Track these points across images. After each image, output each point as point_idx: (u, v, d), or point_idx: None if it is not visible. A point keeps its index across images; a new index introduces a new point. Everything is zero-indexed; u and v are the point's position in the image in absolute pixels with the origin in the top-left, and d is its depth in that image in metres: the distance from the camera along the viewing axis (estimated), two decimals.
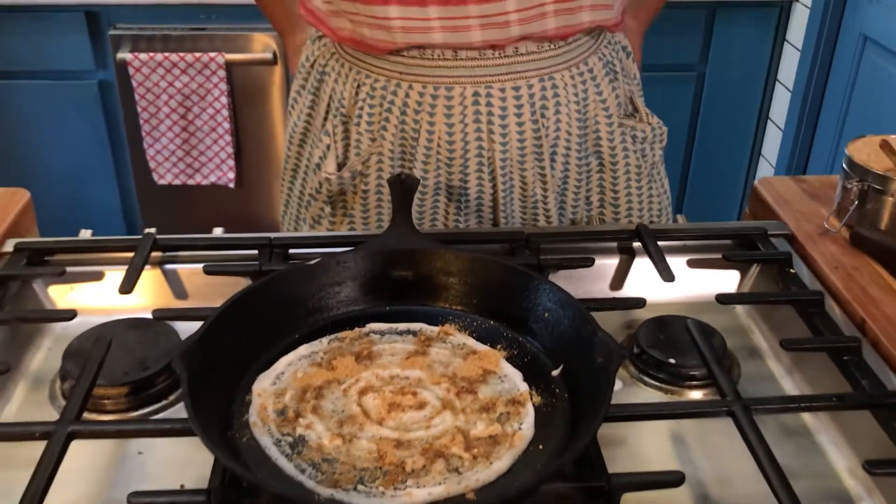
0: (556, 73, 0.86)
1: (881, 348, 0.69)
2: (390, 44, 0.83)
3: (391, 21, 0.80)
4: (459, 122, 0.85)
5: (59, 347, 0.72)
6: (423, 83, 0.84)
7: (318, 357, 0.63)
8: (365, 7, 0.81)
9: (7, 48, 2.01)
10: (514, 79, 0.84)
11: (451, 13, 0.79)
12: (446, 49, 0.83)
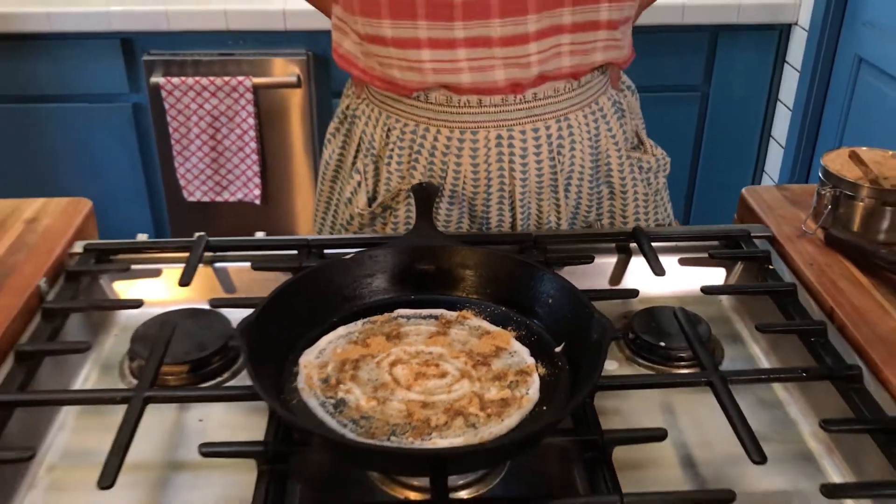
0: (570, 114, 0.96)
1: (846, 331, 0.79)
2: (420, 84, 0.92)
3: (423, 63, 0.90)
4: (483, 163, 0.95)
5: (124, 335, 0.83)
6: (450, 128, 0.94)
7: (354, 336, 0.74)
8: (398, 51, 0.90)
9: (47, 73, 2.14)
10: (533, 121, 0.94)
11: (477, 55, 0.89)
12: (472, 95, 0.92)
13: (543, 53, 0.90)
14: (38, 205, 0.99)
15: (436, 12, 0.86)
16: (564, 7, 0.88)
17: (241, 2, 2.11)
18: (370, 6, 0.88)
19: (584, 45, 0.92)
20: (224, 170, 2.22)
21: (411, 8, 0.86)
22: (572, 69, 0.93)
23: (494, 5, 0.86)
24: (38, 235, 0.93)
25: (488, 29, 0.87)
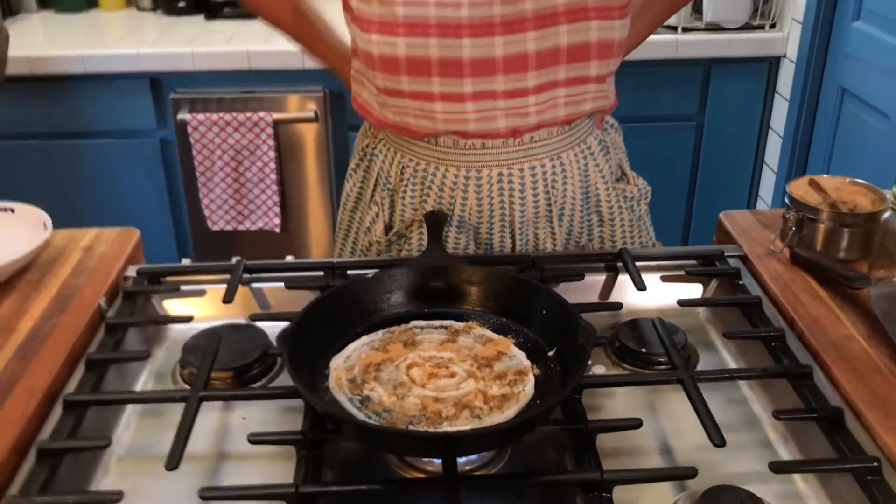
0: (563, 153, 1.09)
1: (804, 338, 0.90)
2: (432, 130, 1.05)
3: (435, 113, 1.03)
4: (487, 197, 1.08)
5: (173, 347, 0.96)
6: (457, 167, 1.07)
7: (376, 344, 0.86)
8: (413, 102, 1.03)
9: (81, 111, 2.29)
10: (530, 160, 1.07)
11: (483, 106, 1.02)
12: (476, 139, 1.05)
13: (541, 105, 1.03)
14: (92, 234, 1.12)
15: (448, 70, 0.99)
16: (559, 65, 1.00)
17: (262, 43, 2.25)
18: (390, 64, 1.01)
19: (576, 96, 1.04)
20: (246, 200, 2.35)
21: (426, 67, 0.99)
22: (566, 117, 1.06)
23: (499, 64, 0.99)
24: (95, 261, 1.06)
25: (493, 84, 1.00)
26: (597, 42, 1.01)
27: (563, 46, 0.99)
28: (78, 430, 0.79)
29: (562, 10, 0.98)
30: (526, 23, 0.98)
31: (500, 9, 0.97)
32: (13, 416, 0.78)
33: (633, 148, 2.35)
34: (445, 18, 0.97)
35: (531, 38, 0.98)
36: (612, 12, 1.00)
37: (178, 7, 2.55)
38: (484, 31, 0.97)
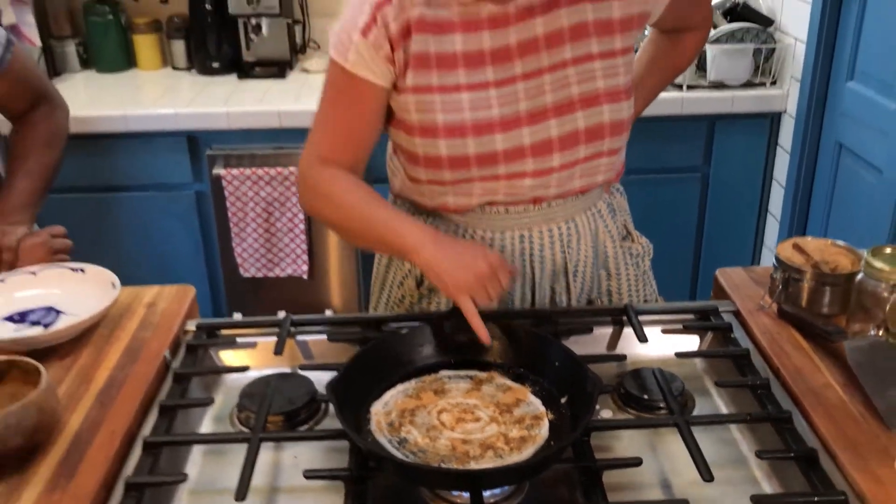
0: (576, 216, 1.22)
1: (787, 386, 1.02)
2: (467, 206, 1.19)
3: (473, 193, 1.17)
4: (510, 255, 1.21)
5: (229, 394, 1.09)
6: (483, 229, 1.21)
7: (410, 391, 0.98)
8: (453, 187, 1.16)
9: (122, 167, 2.44)
10: (548, 223, 1.21)
11: (513, 185, 1.15)
12: (502, 206, 1.18)
13: (562, 179, 1.17)
14: (154, 291, 1.26)
15: (483, 161, 1.13)
16: (580, 145, 1.14)
17: (292, 102, 2.41)
18: (432, 162, 1.14)
19: (590, 170, 1.18)
20: (276, 248, 2.49)
21: (465, 161, 1.13)
22: (581, 188, 1.20)
23: (527, 150, 1.13)
24: (158, 316, 1.19)
25: (524, 166, 1.14)
26: (609, 122, 1.15)
27: (581, 129, 1.13)
28: (156, 467, 0.91)
29: (577, 99, 1.12)
30: (548, 113, 1.12)
31: (525, 104, 1.11)
32: (100, 457, 0.91)
33: (643, 198, 2.51)
34: (479, 120, 1.11)
35: (553, 126, 1.13)
36: (619, 95, 1.14)
37: (212, 67, 2.72)
38: (512, 125, 1.12)
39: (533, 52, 1.11)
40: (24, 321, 1.18)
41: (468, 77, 1.10)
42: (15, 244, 1.28)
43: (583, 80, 1.12)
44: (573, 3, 1.10)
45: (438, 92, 1.10)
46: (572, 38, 1.11)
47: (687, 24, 1.31)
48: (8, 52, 1.40)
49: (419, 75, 1.10)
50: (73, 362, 1.09)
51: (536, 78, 1.11)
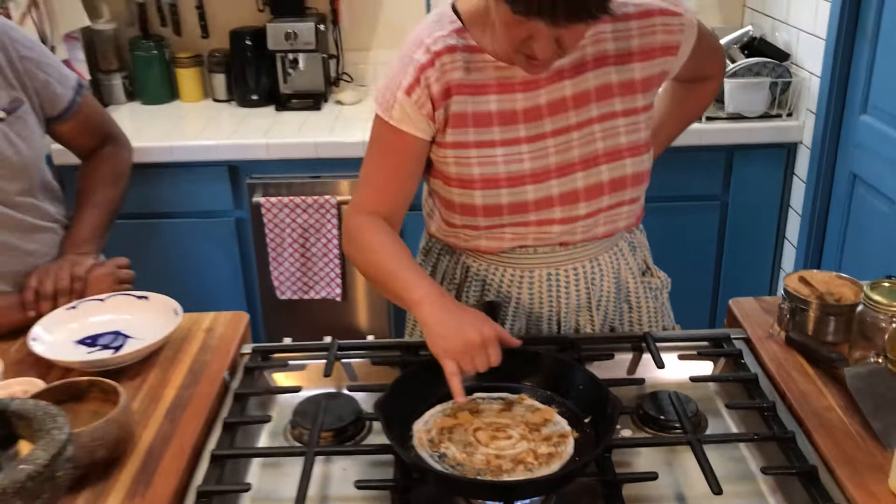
0: (600, 256, 1.33)
1: (792, 409, 1.12)
2: (499, 248, 1.30)
3: (504, 237, 1.27)
4: (538, 293, 1.32)
5: (282, 411, 1.20)
6: (514, 268, 1.32)
7: (448, 411, 1.09)
8: (486, 231, 1.27)
9: (167, 194, 2.58)
10: (573, 263, 1.31)
11: (542, 231, 1.26)
12: (531, 248, 1.29)
13: (587, 226, 1.27)
14: (210, 317, 1.38)
15: (515, 210, 1.24)
16: (604, 195, 1.25)
17: (328, 134, 2.54)
18: (468, 210, 1.25)
19: (613, 217, 1.29)
20: (311, 272, 2.61)
21: (498, 210, 1.24)
22: (604, 234, 1.31)
23: (556, 200, 1.24)
24: (216, 340, 1.31)
25: (552, 214, 1.25)
26: (631, 174, 1.25)
27: (605, 181, 1.24)
28: (221, 478, 1.02)
29: (602, 153, 1.23)
30: (575, 166, 1.23)
31: (554, 159, 1.22)
32: (172, 468, 1.03)
33: (664, 225, 2.61)
34: (511, 173, 1.22)
35: (580, 178, 1.24)
36: (640, 149, 1.25)
37: (251, 99, 2.86)
38: (542, 177, 1.23)
39: (562, 111, 1.22)
40: (95, 345, 1.30)
41: (502, 134, 1.21)
42: (84, 274, 1.40)
43: (607, 136, 1.23)
44: (598, 66, 1.21)
45: (475, 147, 1.21)
46: (598, 98, 1.22)
47: (702, 75, 1.41)
48: (79, 95, 1.54)
49: (458, 132, 1.21)
50: (142, 382, 1.21)
51: (565, 134, 1.22)
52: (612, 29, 1.21)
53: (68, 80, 1.52)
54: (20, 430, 0.95)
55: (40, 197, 1.48)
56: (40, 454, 0.86)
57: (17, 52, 1.43)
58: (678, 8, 1.24)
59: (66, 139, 1.57)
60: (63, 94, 1.50)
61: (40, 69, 1.46)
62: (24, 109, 1.43)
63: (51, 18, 2.60)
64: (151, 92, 2.92)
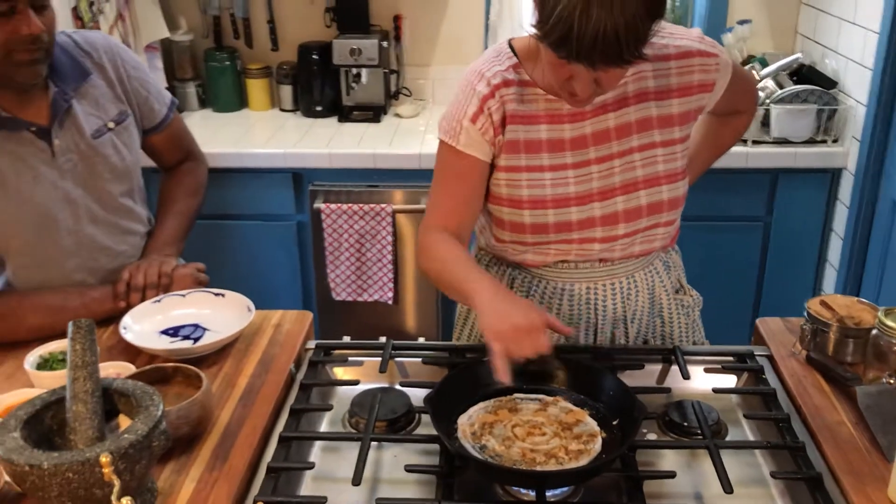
0: (636, 274, 1.44)
1: (806, 422, 1.22)
2: (543, 263, 1.43)
3: (549, 252, 1.40)
4: (577, 304, 1.44)
5: (341, 401, 1.33)
6: (556, 281, 1.44)
7: (489, 409, 1.21)
8: (533, 247, 1.40)
9: (234, 198, 2.74)
10: (611, 279, 1.43)
11: (584, 248, 1.38)
12: (572, 263, 1.41)
13: (625, 245, 1.39)
14: (279, 315, 1.52)
15: (560, 229, 1.37)
16: (642, 218, 1.37)
17: (386, 146, 2.69)
18: (517, 227, 1.39)
19: (649, 238, 1.41)
20: (365, 276, 2.76)
21: (545, 228, 1.37)
22: (640, 252, 1.42)
23: (597, 221, 1.36)
24: (283, 336, 1.46)
25: (594, 234, 1.37)
26: (668, 199, 1.37)
27: (644, 205, 1.36)
28: (288, 457, 1.17)
29: (641, 180, 1.35)
30: (616, 191, 1.35)
31: (597, 183, 1.35)
32: (246, 445, 1.17)
33: (707, 244, 2.70)
34: (558, 195, 1.35)
35: (620, 202, 1.36)
36: (677, 176, 1.37)
37: (315, 110, 3.02)
38: (586, 200, 1.35)
39: (605, 140, 1.34)
40: (176, 335, 1.45)
41: (550, 160, 1.34)
42: (171, 272, 1.56)
43: (646, 164, 1.35)
44: (640, 101, 1.33)
45: (526, 171, 1.35)
46: (638, 130, 1.34)
47: (735, 108, 1.52)
48: (171, 112, 1.72)
49: (510, 158, 1.35)
50: (218, 370, 1.36)
51: (607, 162, 1.35)
52: (653, 68, 1.33)
53: (164, 98, 1.71)
54: (120, 406, 1.10)
55: (136, 199, 1.65)
56: (140, 426, 1.01)
57: (126, 72, 1.62)
58: (715, 49, 1.35)
59: (155, 150, 1.74)
60: (159, 109, 1.69)
61: (143, 87, 1.65)
62: (129, 121, 1.62)
63: (135, 30, 2.80)
64: (223, 100, 3.10)
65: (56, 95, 1.48)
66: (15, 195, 1.45)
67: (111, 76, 1.59)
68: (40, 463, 0.94)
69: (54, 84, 1.48)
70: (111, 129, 1.56)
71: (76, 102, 1.52)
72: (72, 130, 1.51)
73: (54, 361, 1.32)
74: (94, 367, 1.05)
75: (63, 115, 1.49)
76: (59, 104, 1.48)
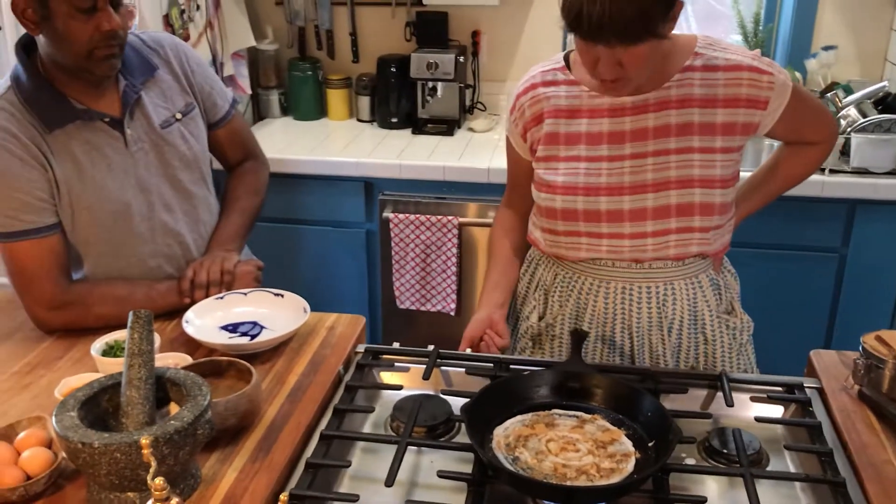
0: (675, 282, 1.45)
1: (852, 459, 1.19)
2: (576, 257, 1.47)
3: (580, 247, 1.45)
4: (612, 304, 1.46)
5: (385, 405, 1.37)
6: (593, 279, 1.47)
7: (526, 422, 1.23)
8: (566, 239, 1.46)
9: (307, 203, 2.83)
10: (647, 282, 1.45)
11: (613, 243, 1.42)
12: (608, 261, 1.44)
13: (657, 245, 1.41)
14: (333, 318, 1.57)
15: (590, 218, 1.42)
16: (671, 218, 1.38)
17: (456, 160, 2.73)
18: (550, 213, 1.46)
19: (684, 242, 1.42)
20: (429, 286, 2.80)
21: (574, 215, 1.43)
22: (675, 255, 1.43)
23: (626, 215, 1.40)
24: (336, 338, 1.50)
25: (622, 229, 1.41)
26: (699, 203, 1.40)
27: (673, 205, 1.39)
28: (327, 454, 1.20)
29: (673, 180, 1.39)
30: (647, 187, 1.40)
31: (629, 178, 1.40)
32: (288, 441, 1.22)
33: (780, 272, 2.63)
34: (589, 184, 1.41)
35: (650, 198, 1.40)
36: (714, 183, 1.38)
37: (391, 121, 3.08)
38: (616, 192, 1.41)
39: (642, 138, 1.39)
40: (235, 331, 1.51)
41: (588, 151, 1.41)
42: (233, 269, 1.63)
43: (681, 166, 1.38)
44: (682, 106, 1.36)
45: (563, 161, 1.43)
46: (678, 133, 1.38)
47: (804, 137, 1.50)
48: (233, 108, 1.82)
49: (549, 149, 1.45)
50: (270, 367, 1.41)
51: (641, 159, 1.39)
52: (701, 77, 1.37)
53: (226, 95, 1.82)
54: (172, 394, 1.16)
55: (206, 187, 1.75)
56: (186, 414, 1.07)
57: (191, 67, 1.72)
58: (769, 68, 1.36)
59: (219, 145, 1.83)
60: (222, 105, 1.79)
61: (207, 82, 1.76)
62: (195, 112, 1.72)
63: (223, 38, 2.92)
64: (303, 109, 3.20)
65: (126, 88, 1.58)
66: (91, 183, 1.55)
67: (177, 70, 1.69)
68: (91, 442, 1.00)
69: (124, 78, 1.58)
70: (179, 119, 1.66)
71: (145, 94, 1.61)
72: (142, 121, 1.60)
73: (118, 349, 1.39)
74: (149, 355, 1.11)
75: (133, 106, 1.59)
76: (129, 96, 1.58)
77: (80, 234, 1.57)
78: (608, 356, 1.51)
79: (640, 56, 1.25)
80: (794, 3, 2.95)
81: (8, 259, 1.52)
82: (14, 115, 1.48)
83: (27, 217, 1.49)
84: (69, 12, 1.43)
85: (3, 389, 1.36)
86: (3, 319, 1.60)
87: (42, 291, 1.52)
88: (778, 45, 3.13)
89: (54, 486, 1.12)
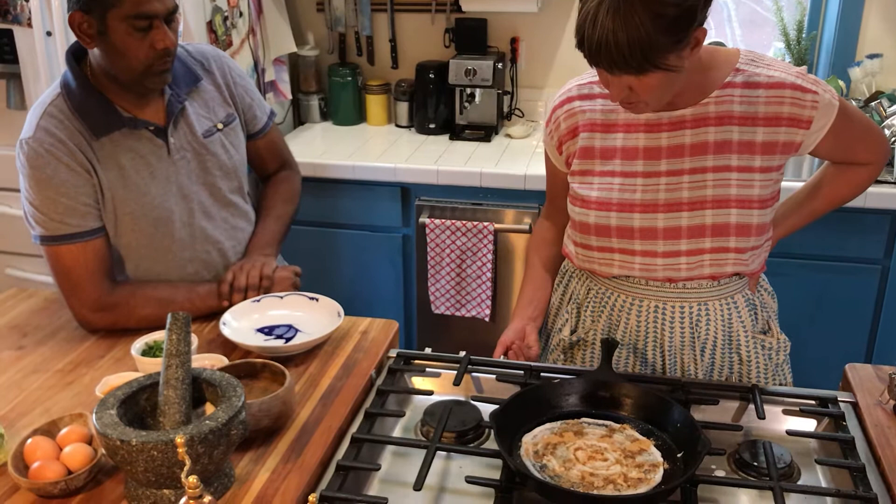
0: (709, 302, 1.44)
1: (885, 475, 1.18)
2: (608, 273, 1.46)
3: (613, 263, 1.44)
4: (645, 322, 1.45)
5: (416, 409, 1.38)
6: (626, 295, 1.47)
7: (555, 430, 1.24)
8: (599, 255, 1.45)
9: (344, 207, 2.86)
10: (680, 301, 1.44)
11: (646, 261, 1.41)
12: (641, 279, 1.44)
13: (691, 264, 1.39)
14: (366, 322, 1.59)
15: (623, 234, 1.41)
16: (705, 237, 1.37)
17: (493, 166, 2.74)
18: (584, 228, 1.44)
19: (719, 261, 1.39)
20: (464, 291, 2.81)
21: (607, 230, 1.42)
22: (710, 275, 1.41)
23: (660, 233, 1.38)
24: (368, 342, 1.52)
25: (655, 246, 1.40)
26: (735, 224, 1.37)
27: (708, 224, 1.37)
28: (358, 457, 1.22)
29: (709, 199, 1.37)
30: (682, 206, 1.38)
31: (664, 195, 1.38)
32: (320, 443, 1.24)
33: (821, 284, 2.59)
34: (623, 200, 1.40)
35: (685, 217, 1.38)
36: (751, 203, 1.36)
37: (429, 127, 3.11)
38: (650, 209, 1.39)
39: (678, 155, 1.37)
40: (270, 334, 1.54)
41: (622, 166, 1.40)
42: (272, 273, 1.66)
43: (718, 185, 1.36)
44: (721, 123, 1.34)
45: (598, 175, 1.42)
46: (715, 151, 1.35)
47: (852, 158, 1.46)
48: (270, 120, 1.86)
49: (584, 163, 1.44)
50: (304, 370, 1.44)
51: (677, 176, 1.37)
52: (741, 94, 1.34)
53: (265, 107, 1.86)
54: (207, 395, 1.19)
55: (243, 196, 1.78)
56: (221, 414, 1.09)
57: (233, 79, 1.76)
58: (814, 87, 1.33)
59: (257, 155, 1.87)
60: (261, 117, 1.83)
61: (248, 94, 1.80)
62: (236, 123, 1.76)
63: (265, 44, 2.97)
64: (343, 114, 3.24)
65: (171, 98, 1.62)
66: (134, 190, 1.59)
67: (220, 82, 1.72)
68: (130, 439, 1.03)
69: (169, 88, 1.62)
70: (220, 129, 1.70)
71: (188, 105, 1.65)
72: (185, 130, 1.64)
73: (157, 349, 1.43)
74: (186, 356, 1.14)
75: (177, 116, 1.63)
76: (173, 105, 1.62)
77: (123, 238, 1.61)
78: (640, 371, 1.50)
79: (650, 85, 1.23)
80: (839, 10, 2.91)
81: (54, 261, 1.57)
82: (63, 122, 1.53)
83: (72, 221, 1.54)
84: (127, 30, 1.47)
85: (47, 386, 1.41)
86: (48, 318, 1.65)
87: (87, 294, 1.56)
88: (821, 53, 3.08)
89: (94, 481, 1.16)
